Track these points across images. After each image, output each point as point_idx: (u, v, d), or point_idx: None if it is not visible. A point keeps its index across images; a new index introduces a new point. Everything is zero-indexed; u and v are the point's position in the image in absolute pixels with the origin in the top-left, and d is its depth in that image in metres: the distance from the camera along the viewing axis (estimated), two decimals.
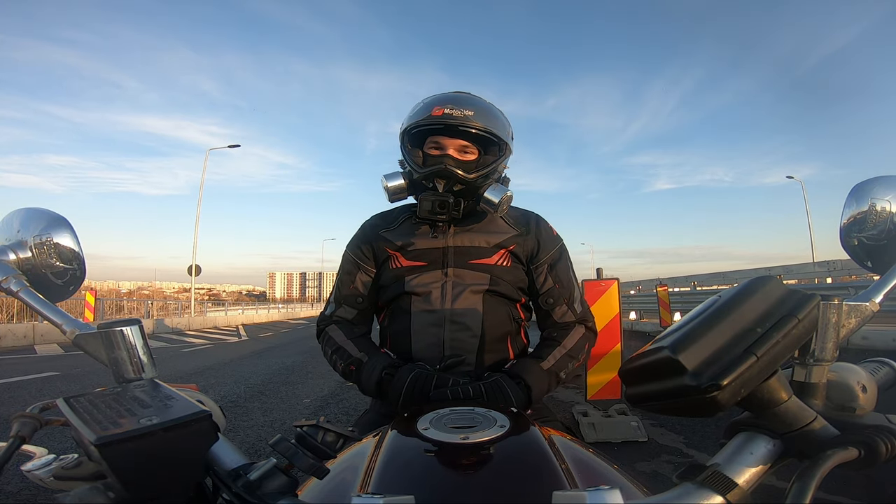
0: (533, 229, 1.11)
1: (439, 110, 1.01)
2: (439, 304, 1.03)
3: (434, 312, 1.03)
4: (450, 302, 1.03)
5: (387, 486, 0.50)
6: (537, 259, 1.09)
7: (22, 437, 0.45)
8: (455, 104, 1.02)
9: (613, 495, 0.33)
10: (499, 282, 1.05)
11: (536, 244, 1.10)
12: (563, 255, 1.12)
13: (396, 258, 1.10)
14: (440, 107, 1.01)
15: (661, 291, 9.69)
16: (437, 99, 1.05)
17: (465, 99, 1.05)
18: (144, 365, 0.53)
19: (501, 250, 1.08)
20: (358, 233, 1.18)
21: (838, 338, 0.43)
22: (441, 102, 1.03)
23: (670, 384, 0.36)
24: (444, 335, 1.02)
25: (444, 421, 0.60)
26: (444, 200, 1.00)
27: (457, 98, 1.05)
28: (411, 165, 1.05)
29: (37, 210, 0.67)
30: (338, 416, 4.06)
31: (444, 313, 1.03)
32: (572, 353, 1.04)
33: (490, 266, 1.06)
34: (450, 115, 1.00)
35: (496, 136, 1.04)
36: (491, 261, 1.07)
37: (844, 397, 0.43)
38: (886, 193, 0.60)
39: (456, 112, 1.01)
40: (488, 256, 1.07)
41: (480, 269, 1.06)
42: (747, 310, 0.37)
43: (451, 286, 1.04)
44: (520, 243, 1.09)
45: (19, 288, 0.60)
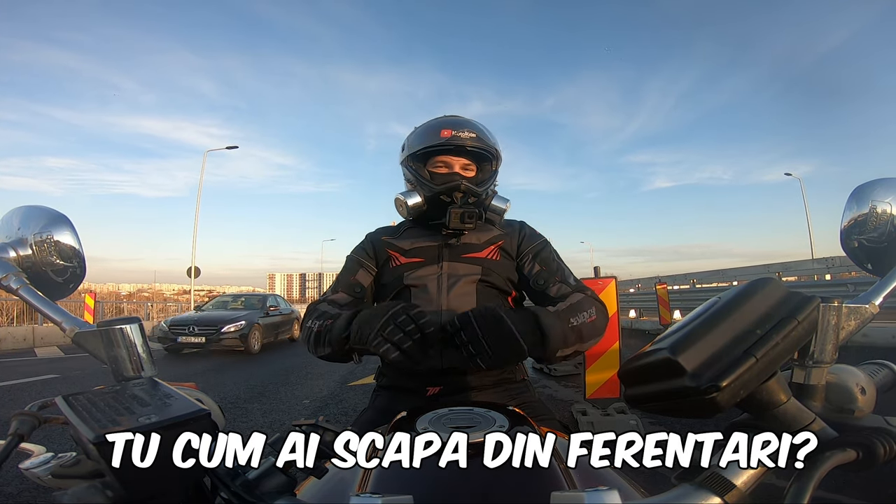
0: (517, 229, 1.22)
1: (447, 132, 1.14)
2: (436, 294, 1.10)
3: (431, 302, 1.09)
4: (446, 292, 1.10)
5: (385, 485, 0.50)
6: (521, 250, 1.18)
7: (20, 435, 0.45)
8: (458, 127, 1.15)
9: (612, 496, 0.33)
10: (490, 273, 1.13)
11: (521, 238, 1.20)
12: (546, 246, 1.20)
13: (396, 258, 1.19)
14: (447, 129, 1.14)
15: (661, 289, 9.67)
16: (441, 123, 1.18)
17: (464, 122, 1.18)
18: (144, 363, 0.53)
19: (491, 245, 1.17)
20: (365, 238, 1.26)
21: (838, 340, 0.43)
22: (446, 126, 1.15)
23: (670, 385, 0.36)
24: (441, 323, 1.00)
25: (442, 420, 0.60)
26: (472, 211, 1.10)
27: (457, 122, 1.18)
28: (426, 184, 1.15)
29: (37, 208, 0.67)
30: (337, 417, 4.05)
31: (441, 302, 1.09)
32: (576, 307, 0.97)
33: (481, 259, 1.15)
34: (458, 136, 1.13)
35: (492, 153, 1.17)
36: (482, 254, 1.15)
37: (843, 399, 0.43)
38: (887, 196, 0.60)
39: (461, 134, 1.14)
40: (479, 251, 1.16)
41: (473, 261, 1.14)
42: (747, 311, 0.37)
43: (447, 278, 1.11)
44: (507, 240, 1.19)
45: (19, 286, 0.60)
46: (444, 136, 1.14)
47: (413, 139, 1.20)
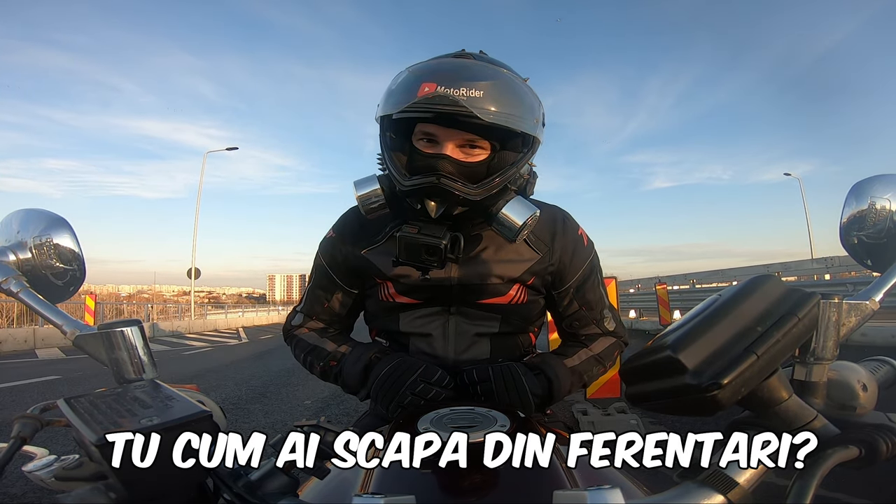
0: (558, 248, 0.87)
1: (431, 86, 0.68)
2: (441, 349, 0.88)
3: (436, 357, 0.88)
4: (453, 349, 0.88)
5: (387, 486, 0.50)
6: (561, 285, 0.89)
7: (23, 437, 0.45)
8: (454, 79, 0.69)
9: (614, 495, 0.33)
10: (510, 320, 0.88)
11: (561, 267, 0.88)
12: (593, 273, 0.91)
13: (386, 287, 0.88)
14: (432, 82, 0.69)
15: (660, 289, 9.68)
16: (428, 69, 0.73)
17: (469, 70, 0.72)
18: (145, 365, 0.53)
19: (517, 284, 0.86)
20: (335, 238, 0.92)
21: (839, 336, 0.43)
22: (433, 75, 0.70)
23: (671, 383, 0.36)
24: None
25: (444, 420, 0.60)
26: (432, 245, 0.72)
27: (457, 68, 0.72)
28: (392, 170, 0.75)
29: (36, 211, 0.67)
30: (338, 417, 4.05)
31: (447, 360, 0.88)
32: (600, 357, 0.91)
33: (503, 306, 0.87)
34: (445, 96, 0.68)
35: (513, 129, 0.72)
36: (504, 299, 0.86)
37: (845, 396, 0.43)
38: (886, 192, 0.60)
39: (455, 92, 0.68)
40: (502, 295, 0.86)
41: (491, 309, 0.86)
42: (748, 308, 0.37)
43: (455, 329, 0.87)
44: (540, 272, 0.86)
45: (19, 289, 0.60)
46: (425, 92, 0.68)
47: (387, 93, 0.76)
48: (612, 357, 0.95)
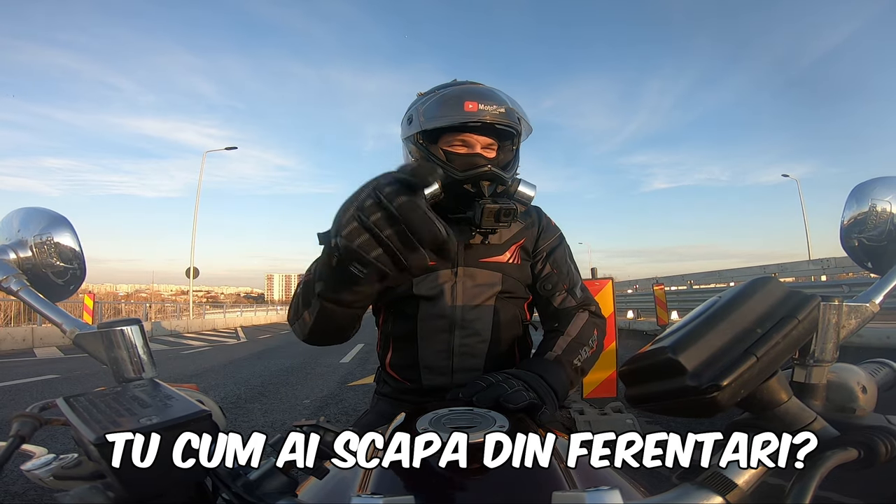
0: (536, 219, 1.09)
1: (473, 105, 0.92)
2: (449, 307, 0.98)
3: (443, 317, 0.98)
4: (460, 306, 0.98)
5: (386, 486, 0.50)
6: (537, 246, 1.07)
7: (21, 436, 0.45)
8: (485, 99, 0.93)
9: (613, 496, 0.33)
10: (509, 280, 1.01)
11: (539, 232, 1.07)
12: (561, 243, 1.10)
13: None
14: (472, 101, 0.92)
15: (658, 290, 9.67)
16: (463, 93, 0.96)
17: (489, 93, 0.96)
18: (144, 364, 0.53)
19: (513, 246, 1.03)
20: None
21: (838, 339, 0.43)
22: (471, 97, 0.93)
23: (670, 385, 0.36)
24: (453, 341, 0.98)
25: (443, 421, 0.60)
26: (510, 209, 0.91)
27: (482, 92, 0.96)
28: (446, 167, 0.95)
29: (37, 209, 0.67)
30: (337, 417, 4.05)
31: (455, 318, 0.98)
32: (579, 339, 0.98)
33: (502, 265, 1.01)
34: (485, 111, 0.92)
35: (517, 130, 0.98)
36: (503, 258, 1.02)
37: (844, 398, 0.43)
38: (886, 194, 0.60)
39: (489, 108, 0.93)
40: (500, 254, 1.02)
41: (492, 267, 1.01)
42: (747, 310, 0.37)
43: (462, 288, 0.99)
44: (528, 236, 1.06)
45: (19, 287, 0.60)
46: (470, 109, 0.92)
47: (427, 111, 0.97)
48: (592, 335, 1.00)
